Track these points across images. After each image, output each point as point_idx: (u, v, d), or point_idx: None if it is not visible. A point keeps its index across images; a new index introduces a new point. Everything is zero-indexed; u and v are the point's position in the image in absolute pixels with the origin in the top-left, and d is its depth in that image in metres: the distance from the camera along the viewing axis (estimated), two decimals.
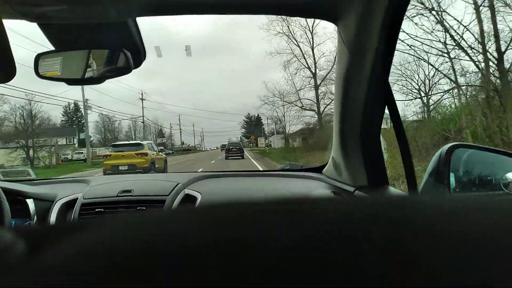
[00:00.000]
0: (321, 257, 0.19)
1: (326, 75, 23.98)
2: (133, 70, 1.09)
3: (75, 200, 1.64)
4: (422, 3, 9.56)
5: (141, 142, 13.98)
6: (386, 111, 1.18)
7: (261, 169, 11.14)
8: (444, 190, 1.09)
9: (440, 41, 9.94)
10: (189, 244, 0.21)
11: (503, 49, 8.66)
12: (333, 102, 1.31)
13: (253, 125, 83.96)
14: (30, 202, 1.55)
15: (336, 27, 1.08)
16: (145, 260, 0.20)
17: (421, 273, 0.18)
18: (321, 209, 0.25)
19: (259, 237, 0.21)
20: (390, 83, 1.15)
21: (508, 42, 8.65)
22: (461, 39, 9.55)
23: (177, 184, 1.69)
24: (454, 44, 9.80)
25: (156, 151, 14.65)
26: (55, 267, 0.21)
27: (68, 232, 0.27)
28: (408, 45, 10.28)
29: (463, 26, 9.33)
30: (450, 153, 1.14)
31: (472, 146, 1.27)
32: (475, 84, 10.03)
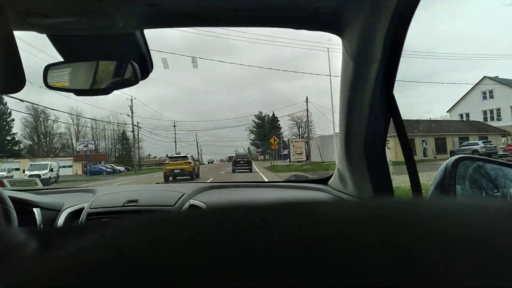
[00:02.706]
0: (324, 258, 0.20)
1: None
2: None
3: (81, 209, 1.65)
4: None
5: (187, 155, 21.36)
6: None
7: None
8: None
9: None
10: (194, 243, 0.21)
11: None
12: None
13: (266, 128, 64.91)
14: (36, 211, 1.56)
15: (340, 40, 1.09)
16: (152, 256, 0.20)
17: (423, 275, 0.19)
18: (325, 211, 0.26)
19: (263, 238, 0.22)
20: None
21: None
22: None
23: (182, 195, 1.70)
24: None
25: (194, 161, 21.83)
26: (65, 261, 0.21)
27: (79, 231, 0.28)
28: None
29: None
30: (456, 166, 1.14)
31: (478, 158, 1.26)
32: None
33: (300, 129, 58.65)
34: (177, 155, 22.11)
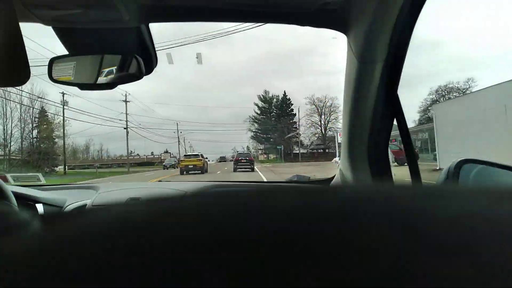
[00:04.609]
0: (323, 240, 0.19)
1: None
2: None
3: (84, 206, 1.65)
4: None
5: (198, 154, 27.63)
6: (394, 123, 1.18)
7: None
8: None
9: None
10: (186, 223, 0.22)
11: None
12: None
13: (273, 115, 45.71)
14: (39, 207, 1.56)
15: (346, 37, 1.09)
16: (157, 230, 0.20)
17: (431, 247, 0.18)
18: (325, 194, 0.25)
19: (257, 222, 0.21)
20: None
21: None
22: None
23: (184, 193, 1.70)
24: None
25: (204, 158, 27.40)
26: (67, 238, 0.22)
27: (80, 214, 0.29)
28: None
29: None
30: (459, 169, 1.13)
31: (481, 161, 1.25)
32: None
33: (323, 116, 40.75)
34: (191, 154, 29.04)
